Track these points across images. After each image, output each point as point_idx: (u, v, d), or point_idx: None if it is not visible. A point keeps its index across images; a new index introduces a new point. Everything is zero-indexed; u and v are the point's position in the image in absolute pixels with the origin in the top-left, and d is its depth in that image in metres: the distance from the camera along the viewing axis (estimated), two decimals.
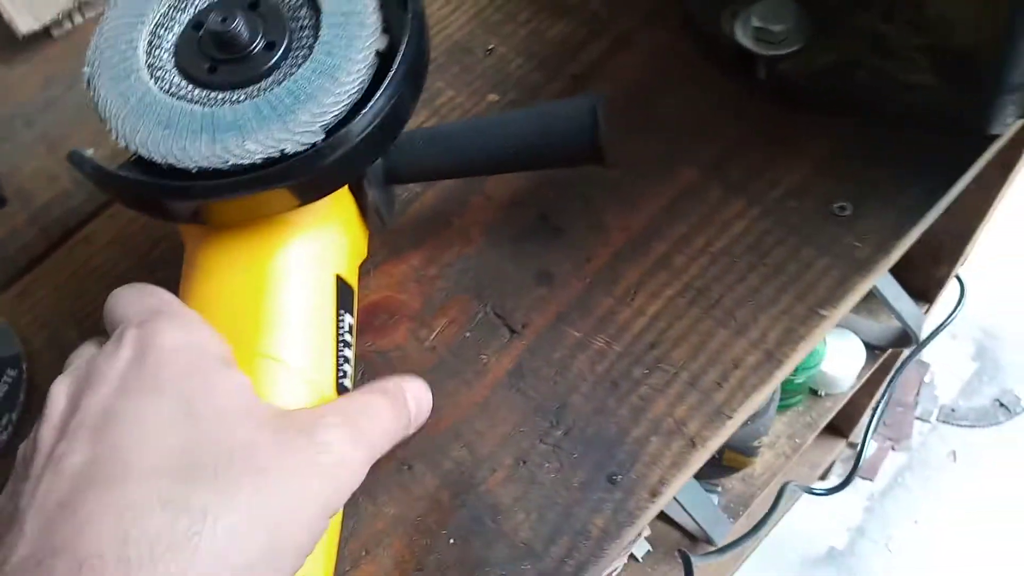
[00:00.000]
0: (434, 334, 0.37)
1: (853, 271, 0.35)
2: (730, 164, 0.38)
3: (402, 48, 0.29)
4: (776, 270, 0.36)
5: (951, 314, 0.80)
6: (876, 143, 0.38)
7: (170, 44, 0.32)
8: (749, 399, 0.34)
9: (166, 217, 0.31)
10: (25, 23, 0.52)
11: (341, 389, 0.32)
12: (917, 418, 1.35)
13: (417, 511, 0.34)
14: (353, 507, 0.34)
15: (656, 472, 0.33)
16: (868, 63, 0.37)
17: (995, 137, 0.37)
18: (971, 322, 1.43)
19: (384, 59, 0.30)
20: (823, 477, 1.32)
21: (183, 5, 0.32)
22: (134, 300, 0.29)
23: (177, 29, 0.32)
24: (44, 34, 0.53)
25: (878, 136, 0.38)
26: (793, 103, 0.39)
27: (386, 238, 0.40)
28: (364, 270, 0.39)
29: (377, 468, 0.34)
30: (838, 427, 1.12)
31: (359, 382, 0.37)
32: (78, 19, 0.54)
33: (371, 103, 0.29)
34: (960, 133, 0.37)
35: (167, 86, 0.31)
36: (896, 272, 0.79)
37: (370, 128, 0.29)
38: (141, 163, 0.30)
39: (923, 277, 0.80)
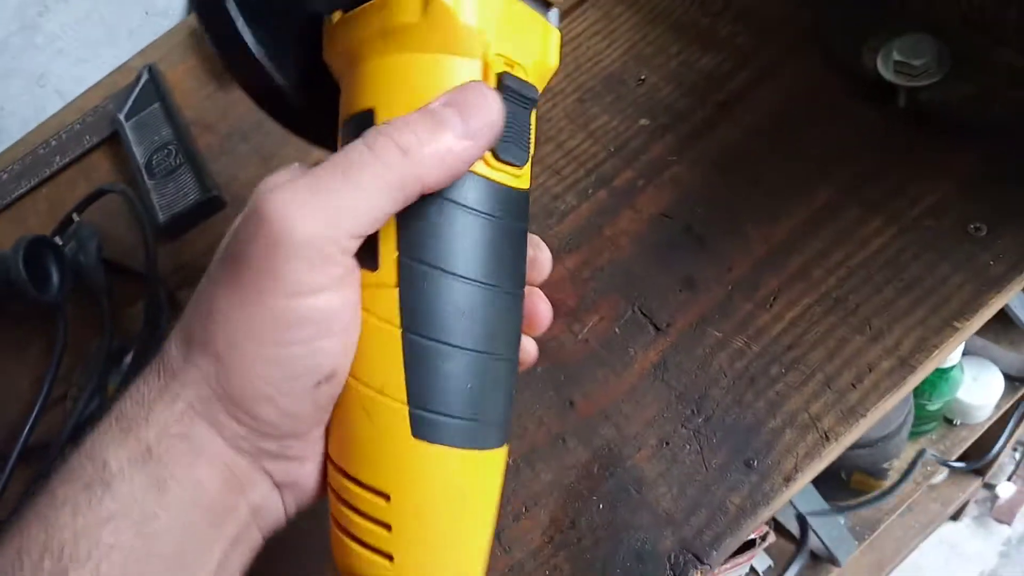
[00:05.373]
0: (586, 328, 0.42)
1: (987, 287, 0.37)
2: (867, 185, 0.41)
3: None
4: (911, 284, 0.38)
5: None
6: (1016, 165, 0.40)
7: None
8: (883, 400, 0.36)
9: None
10: None
11: None
12: None
13: (570, 478, 0.38)
14: (513, 472, 0.39)
15: (790, 460, 0.36)
16: (1005, 94, 0.39)
17: None
18: None
19: None
20: (955, 517, 1.26)
21: None
22: None
23: None
24: None
25: (1018, 158, 0.40)
26: (932, 130, 0.42)
27: (546, 242, 0.46)
28: None
29: (534, 440, 0.40)
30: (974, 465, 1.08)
31: None
32: None
33: None
34: None
35: None
36: None
37: None
38: None
39: None
